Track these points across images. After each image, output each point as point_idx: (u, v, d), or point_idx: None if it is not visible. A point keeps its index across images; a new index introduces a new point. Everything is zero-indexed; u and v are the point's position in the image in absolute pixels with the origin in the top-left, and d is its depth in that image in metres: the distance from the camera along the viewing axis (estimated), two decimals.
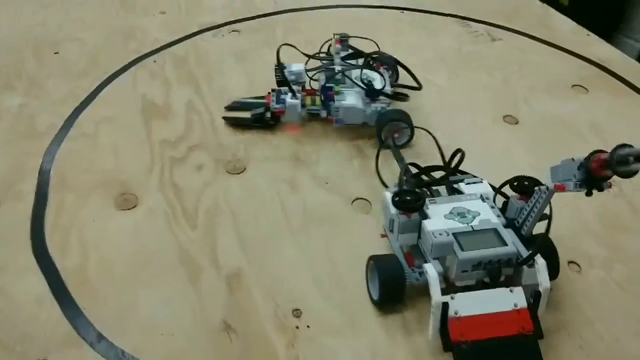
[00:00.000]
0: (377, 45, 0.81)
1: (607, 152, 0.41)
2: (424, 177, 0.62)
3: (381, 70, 0.75)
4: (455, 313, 0.46)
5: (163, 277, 0.55)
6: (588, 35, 0.99)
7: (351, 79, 0.72)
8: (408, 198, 0.52)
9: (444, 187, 0.59)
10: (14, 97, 0.79)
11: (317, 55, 0.81)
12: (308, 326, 0.51)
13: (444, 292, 0.47)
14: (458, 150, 0.59)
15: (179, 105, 0.78)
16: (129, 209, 0.62)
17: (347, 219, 0.62)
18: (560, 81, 0.86)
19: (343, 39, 0.79)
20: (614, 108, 0.81)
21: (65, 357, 0.48)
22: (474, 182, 0.57)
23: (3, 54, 0.88)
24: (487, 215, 0.51)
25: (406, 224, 0.52)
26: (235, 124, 0.74)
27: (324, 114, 0.72)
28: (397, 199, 0.52)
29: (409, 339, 0.50)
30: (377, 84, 0.72)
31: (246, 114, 0.75)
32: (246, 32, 0.96)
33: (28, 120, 0.75)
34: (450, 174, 0.59)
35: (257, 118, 0.74)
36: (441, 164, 0.64)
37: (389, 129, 0.69)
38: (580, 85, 0.85)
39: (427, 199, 0.53)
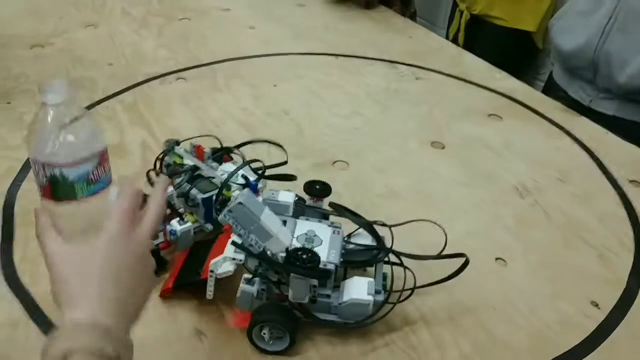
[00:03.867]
0: (219, 141, 0.73)
1: None
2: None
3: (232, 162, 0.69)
4: None
5: None
6: (499, 73, 1.12)
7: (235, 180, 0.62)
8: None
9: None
10: None
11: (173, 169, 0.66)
12: None
13: None
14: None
15: (134, 145, 0.84)
16: None
17: None
18: (476, 110, 0.97)
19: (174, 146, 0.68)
20: (523, 130, 0.93)
21: None
22: None
23: None
24: None
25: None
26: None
27: (209, 227, 0.64)
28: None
29: None
30: (251, 176, 0.64)
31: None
32: (191, 79, 1.02)
33: None
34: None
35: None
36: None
37: None
38: (495, 114, 0.97)
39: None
